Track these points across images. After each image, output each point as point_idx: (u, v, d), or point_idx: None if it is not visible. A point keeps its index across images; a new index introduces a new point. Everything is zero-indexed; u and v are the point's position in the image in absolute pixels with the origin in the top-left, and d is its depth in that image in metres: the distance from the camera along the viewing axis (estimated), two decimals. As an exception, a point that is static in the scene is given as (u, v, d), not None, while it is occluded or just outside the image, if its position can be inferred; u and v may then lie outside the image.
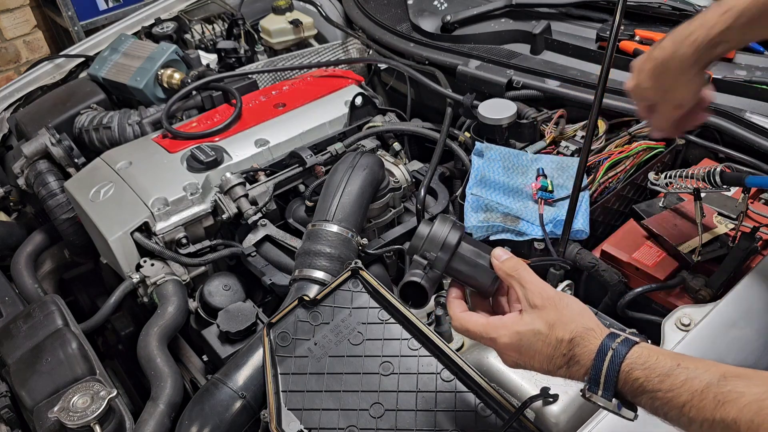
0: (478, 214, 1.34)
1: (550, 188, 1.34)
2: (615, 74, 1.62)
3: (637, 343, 0.73)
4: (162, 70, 1.91)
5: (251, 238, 1.46)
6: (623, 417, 0.74)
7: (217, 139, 1.64)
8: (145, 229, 1.45)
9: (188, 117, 1.81)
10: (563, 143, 1.48)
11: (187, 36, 2.22)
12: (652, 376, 0.69)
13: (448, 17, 1.99)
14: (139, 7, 2.37)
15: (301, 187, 1.59)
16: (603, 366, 0.72)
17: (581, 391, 0.76)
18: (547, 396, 0.94)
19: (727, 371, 0.66)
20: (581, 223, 1.28)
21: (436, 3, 2.13)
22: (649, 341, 0.76)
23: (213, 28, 2.22)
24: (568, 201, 1.23)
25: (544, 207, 1.33)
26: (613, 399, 0.72)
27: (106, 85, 1.96)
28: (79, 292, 1.86)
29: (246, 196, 1.48)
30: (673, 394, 0.67)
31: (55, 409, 1.04)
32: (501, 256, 0.88)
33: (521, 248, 1.32)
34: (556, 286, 1.18)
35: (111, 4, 3.67)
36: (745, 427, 0.61)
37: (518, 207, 1.35)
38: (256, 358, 1.13)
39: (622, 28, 1.60)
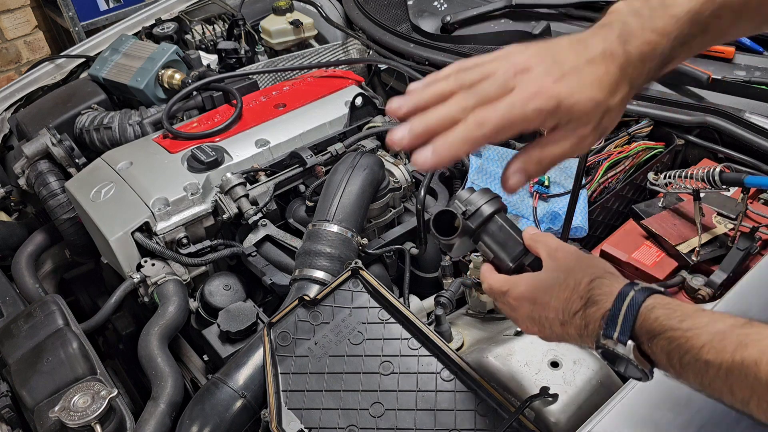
0: None
1: (546, 183, 1.35)
2: (615, 74, 1.63)
3: (660, 291, 0.70)
4: (162, 71, 1.92)
5: (252, 238, 1.46)
6: (637, 371, 0.69)
7: (217, 139, 1.64)
8: (145, 229, 1.45)
9: (189, 117, 1.81)
10: (563, 143, 1.48)
11: (188, 36, 2.22)
12: (674, 315, 0.66)
13: (448, 18, 1.98)
14: (139, 7, 2.37)
15: (302, 188, 1.59)
16: (623, 304, 0.69)
17: (595, 340, 0.72)
18: (547, 396, 0.94)
19: (753, 320, 0.62)
20: (579, 220, 1.28)
21: (436, 3, 2.13)
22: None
23: (213, 29, 2.22)
24: (563, 197, 1.23)
25: (540, 202, 1.34)
26: (629, 342, 0.67)
27: (106, 86, 1.96)
28: (79, 291, 1.86)
29: (246, 196, 1.49)
30: (692, 333, 0.63)
31: (56, 408, 1.04)
32: (533, 229, 0.90)
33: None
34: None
35: (112, 5, 3.67)
36: (765, 367, 0.57)
37: (515, 200, 1.36)
38: (256, 358, 1.13)
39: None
